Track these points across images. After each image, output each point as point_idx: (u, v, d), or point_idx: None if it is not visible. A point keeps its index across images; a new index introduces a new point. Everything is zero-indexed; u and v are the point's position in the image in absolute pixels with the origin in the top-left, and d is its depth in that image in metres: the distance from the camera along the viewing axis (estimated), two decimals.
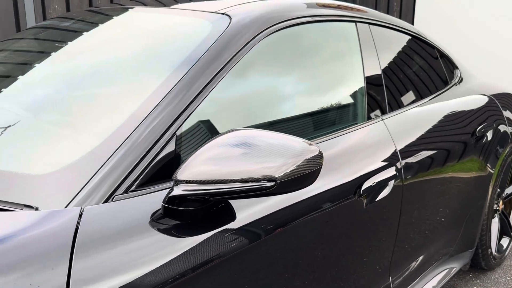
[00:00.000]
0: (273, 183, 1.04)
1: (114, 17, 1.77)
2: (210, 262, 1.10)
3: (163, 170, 1.16)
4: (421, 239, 2.04)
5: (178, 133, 1.20)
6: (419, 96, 2.22)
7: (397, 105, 2.02)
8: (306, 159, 1.10)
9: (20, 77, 1.58)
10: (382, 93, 1.93)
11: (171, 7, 1.78)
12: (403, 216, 1.82)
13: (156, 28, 1.58)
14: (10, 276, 0.85)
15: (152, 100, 1.21)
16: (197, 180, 1.04)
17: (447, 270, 2.41)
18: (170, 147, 1.18)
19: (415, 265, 2.08)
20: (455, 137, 2.23)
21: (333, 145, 1.59)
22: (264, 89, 1.54)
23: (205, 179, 1.04)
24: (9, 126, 1.31)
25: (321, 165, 1.13)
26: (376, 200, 1.64)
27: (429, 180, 1.99)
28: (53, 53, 1.65)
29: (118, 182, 1.07)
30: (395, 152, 1.78)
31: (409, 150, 1.86)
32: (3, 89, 1.52)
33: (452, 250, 2.38)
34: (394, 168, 1.73)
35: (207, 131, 1.29)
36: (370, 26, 2.00)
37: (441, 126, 2.13)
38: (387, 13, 6.03)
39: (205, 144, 1.10)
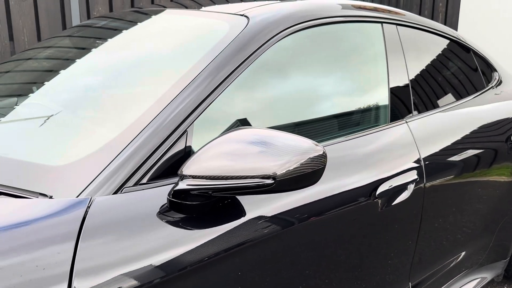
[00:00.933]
0: (273, 180, 1.06)
1: (147, 18, 1.85)
2: (211, 257, 1.13)
3: (177, 164, 1.20)
4: (445, 245, 1.99)
5: (190, 129, 1.24)
6: (450, 99, 2.16)
7: (424, 108, 1.98)
8: (310, 157, 1.12)
9: (57, 72, 1.68)
10: (407, 95, 1.90)
11: (200, 9, 1.83)
12: (424, 221, 1.78)
13: (177, 28, 1.63)
14: (18, 258, 0.91)
15: (165, 97, 1.26)
16: (201, 175, 1.08)
17: (478, 279, 2.33)
18: (183, 143, 1.22)
19: (440, 272, 2.03)
20: (486, 143, 2.16)
21: (352, 146, 1.59)
22: (281, 88, 1.56)
23: (214, 174, 1.08)
24: (35, 119, 1.40)
25: (325, 165, 1.14)
26: (395, 203, 1.62)
27: (455, 185, 1.94)
28: (92, 49, 1.75)
29: (129, 175, 1.12)
30: (417, 155, 1.75)
31: (433, 154, 1.82)
32: (42, 82, 1.62)
33: (482, 259, 2.30)
34: (415, 171, 1.70)
35: (221, 128, 1.33)
36: (398, 27, 1.97)
37: (471, 130, 2.07)
38: (432, 13, 5.87)
39: (212, 141, 1.14)
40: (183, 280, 1.09)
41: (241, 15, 1.52)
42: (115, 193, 1.09)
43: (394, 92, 1.84)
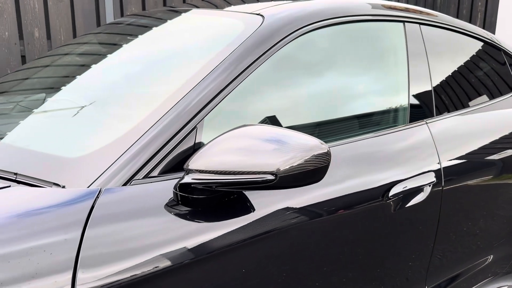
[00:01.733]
0: (274, 176, 1.08)
1: (169, 18, 1.90)
2: (215, 251, 1.15)
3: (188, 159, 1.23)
4: (466, 250, 1.94)
5: (200, 125, 1.27)
6: (475, 102, 2.11)
7: (446, 109, 1.94)
8: (314, 155, 1.13)
9: (83, 67, 1.75)
10: (429, 96, 1.87)
11: (222, 9, 1.87)
12: (442, 224, 1.75)
13: (194, 28, 1.68)
14: (28, 243, 0.97)
15: (177, 94, 1.30)
16: (205, 170, 1.10)
17: (506, 287, 2.26)
18: (193, 138, 1.25)
19: (461, 277, 1.98)
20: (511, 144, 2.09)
21: (368, 146, 1.58)
22: (294, 87, 1.56)
23: (218, 169, 1.10)
24: (57, 113, 1.47)
25: (328, 163, 1.14)
26: (409, 204, 1.60)
27: (476, 189, 1.89)
28: (116, 46, 1.82)
29: (138, 168, 1.16)
30: (436, 156, 1.72)
31: (453, 156, 1.79)
32: (69, 77, 1.70)
33: (508, 267, 2.23)
34: (433, 173, 1.67)
35: (231, 125, 1.35)
36: (421, 26, 1.94)
37: (496, 134, 2.01)
38: (471, 13, 5.70)
39: (219, 136, 1.16)
40: (186, 272, 1.12)
41: (257, 14, 1.55)
42: (125, 185, 1.14)
43: (415, 92, 1.81)
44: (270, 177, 1.08)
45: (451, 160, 1.76)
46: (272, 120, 1.47)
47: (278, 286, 1.32)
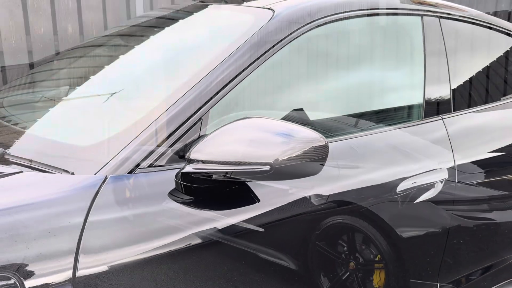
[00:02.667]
0: (269, 167, 1.10)
1: (195, 11, 1.94)
2: (213, 240, 1.19)
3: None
4: (483, 248, 1.90)
5: (205, 117, 1.30)
6: (495, 98, 2.05)
7: (465, 105, 1.90)
8: (313, 147, 1.14)
9: (105, 60, 1.83)
10: (446, 91, 1.83)
11: (241, 4, 1.90)
12: (455, 221, 1.72)
13: (207, 23, 1.72)
14: (35, 225, 1.03)
15: (183, 87, 1.33)
16: (205, 160, 1.14)
17: None
18: (198, 129, 1.28)
19: (479, 276, 1.94)
20: None
21: (378, 140, 1.57)
22: (302, 81, 1.57)
23: (217, 159, 1.13)
24: (74, 103, 1.55)
25: (326, 155, 1.16)
26: (419, 200, 1.58)
27: (494, 186, 1.84)
28: (140, 38, 1.89)
29: (144, 157, 1.21)
30: (450, 153, 1.69)
31: (469, 153, 1.75)
32: (92, 68, 1.78)
33: None
34: (446, 170, 1.65)
35: (235, 116, 1.38)
36: (441, 20, 1.90)
37: None
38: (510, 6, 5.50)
39: (220, 128, 1.19)
40: (183, 259, 1.16)
41: (267, 8, 1.57)
42: (130, 173, 1.18)
43: (431, 87, 1.78)
44: (266, 167, 1.10)
45: (466, 157, 1.73)
46: (275, 114, 1.48)
47: (285, 277, 1.33)
